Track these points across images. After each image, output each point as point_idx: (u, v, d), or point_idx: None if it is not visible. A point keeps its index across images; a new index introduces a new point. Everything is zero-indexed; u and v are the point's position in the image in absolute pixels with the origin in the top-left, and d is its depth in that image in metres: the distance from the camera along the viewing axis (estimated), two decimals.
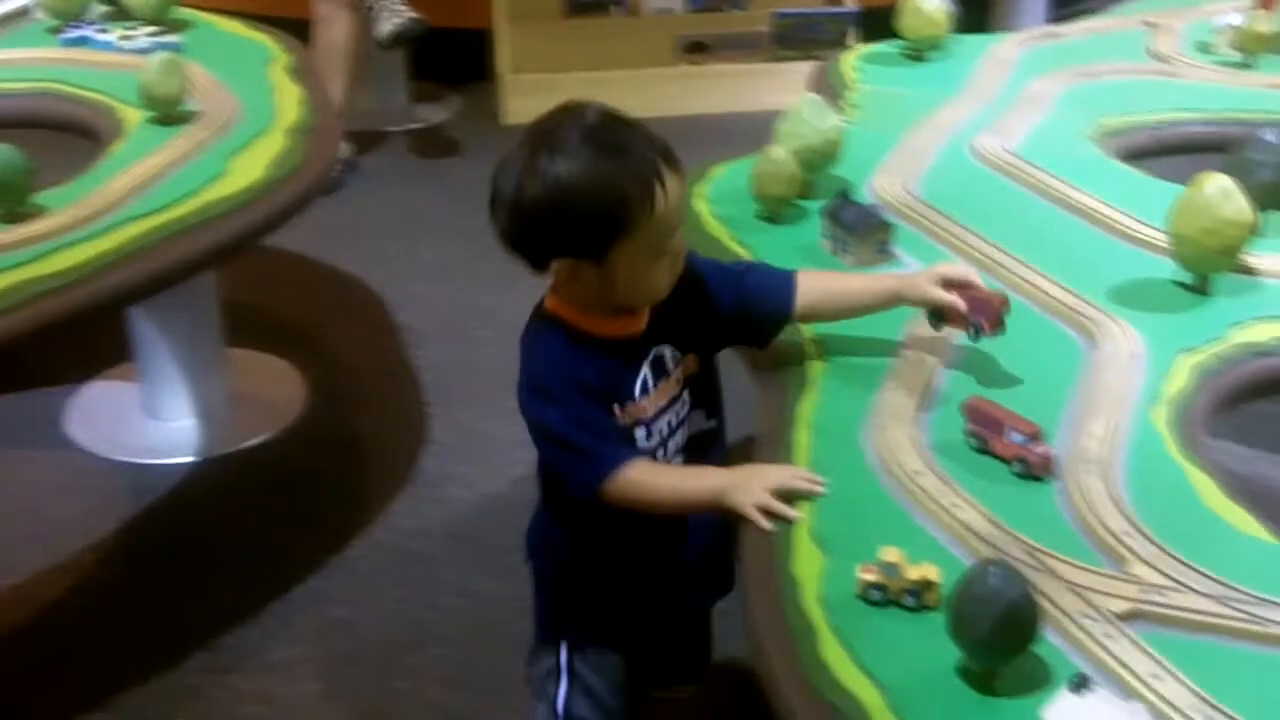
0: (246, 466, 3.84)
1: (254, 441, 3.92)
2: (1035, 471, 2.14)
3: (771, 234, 2.93)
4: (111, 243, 2.91)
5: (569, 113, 2.19)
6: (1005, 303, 2.37)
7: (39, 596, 3.35)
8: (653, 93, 5.89)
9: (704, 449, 2.37)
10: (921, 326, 2.47)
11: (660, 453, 2.30)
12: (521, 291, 4.62)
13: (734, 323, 2.39)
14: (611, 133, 2.15)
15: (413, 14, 5.27)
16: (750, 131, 3.24)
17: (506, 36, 6.14)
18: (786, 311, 2.42)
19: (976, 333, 2.38)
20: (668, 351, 2.29)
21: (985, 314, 2.36)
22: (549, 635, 2.50)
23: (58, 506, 3.67)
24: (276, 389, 4.15)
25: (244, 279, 4.36)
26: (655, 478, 2.22)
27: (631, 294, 2.22)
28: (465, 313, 4.57)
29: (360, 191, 5.45)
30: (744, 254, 2.81)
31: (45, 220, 2.98)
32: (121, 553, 3.52)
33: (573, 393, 2.19)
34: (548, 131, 2.15)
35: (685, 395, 2.34)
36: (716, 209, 3.05)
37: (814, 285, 2.44)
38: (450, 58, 6.32)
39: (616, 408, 2.23)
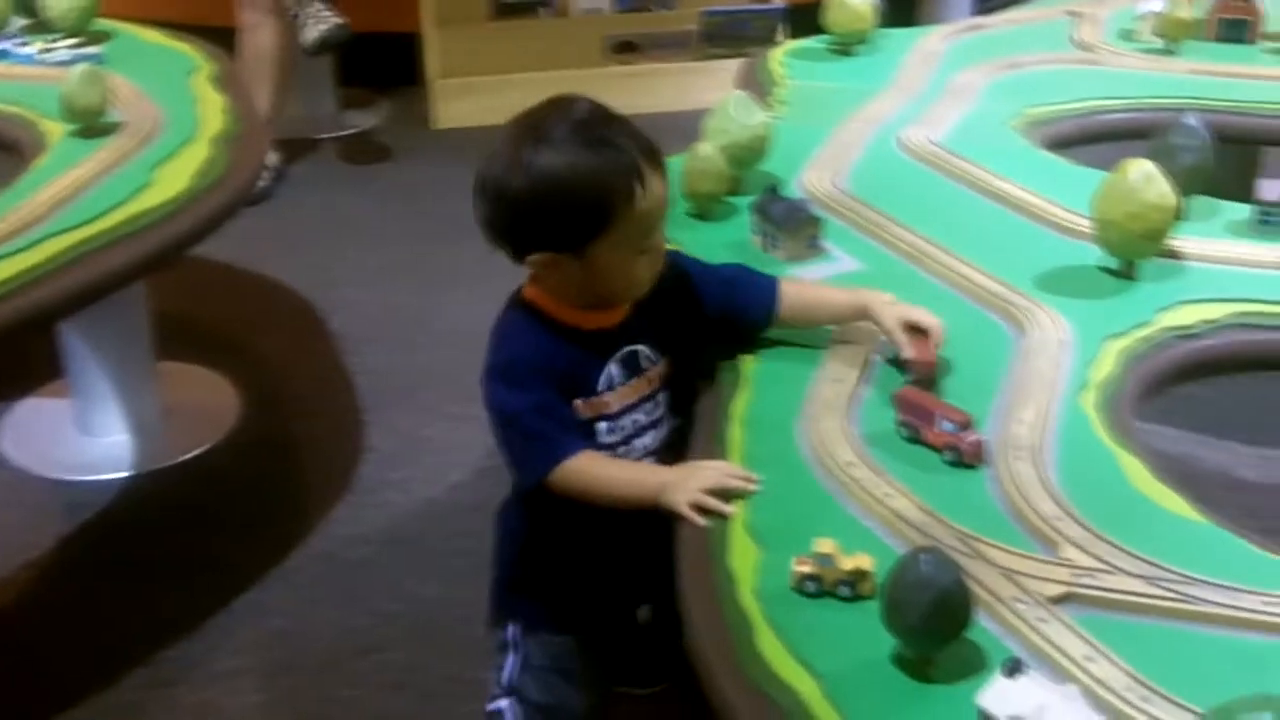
0: (182, 480, 3.81)
1: (189, 455, 3.88)
2: (967, 459, 2.15)
3: (701, 231, 2.93)
4: (37, 257, 2.88)
5: (556, 106, 2.23)
6: (934, 364, 2.37)
7: None
8: (583, 93, 5.87)
9: (668, 448, 2.38)
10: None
11: (622, 449, 2.31)
12: (454, 295, 4.68)
13: (716, 325, 2.43)
14: (595, 128, 2.18)
15: (338, 19, 5.25)
16: (682, 129, 3.24)
17: (434, 40, 6.12)
18: (769, 318, 2.46)
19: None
20: (643, 349, 2.32)
21: (919, 363, 2.36)
22: (500, 612, 2.53)
23: None
24: (210, 401, 4.12)
25: (174, 291, 4.33)
26: (600, 470, 2.22)
27: (612, 288, 2.25)
28: (398, 318, 4.56)
29: (289, 199, 5.42)
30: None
31: None
32: (59, 569, 3.49)
33: (538, 380, 2.21)
34: (534, 124, 2.19)
35: (662, 398, 2.36)
36: None
37: (792, 294, 2.47)
38: (379, 62, 6.30)
39: (579, 400, 2.25)
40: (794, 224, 2.79)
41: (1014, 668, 1.65)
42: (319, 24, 5.22)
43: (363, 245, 5.06)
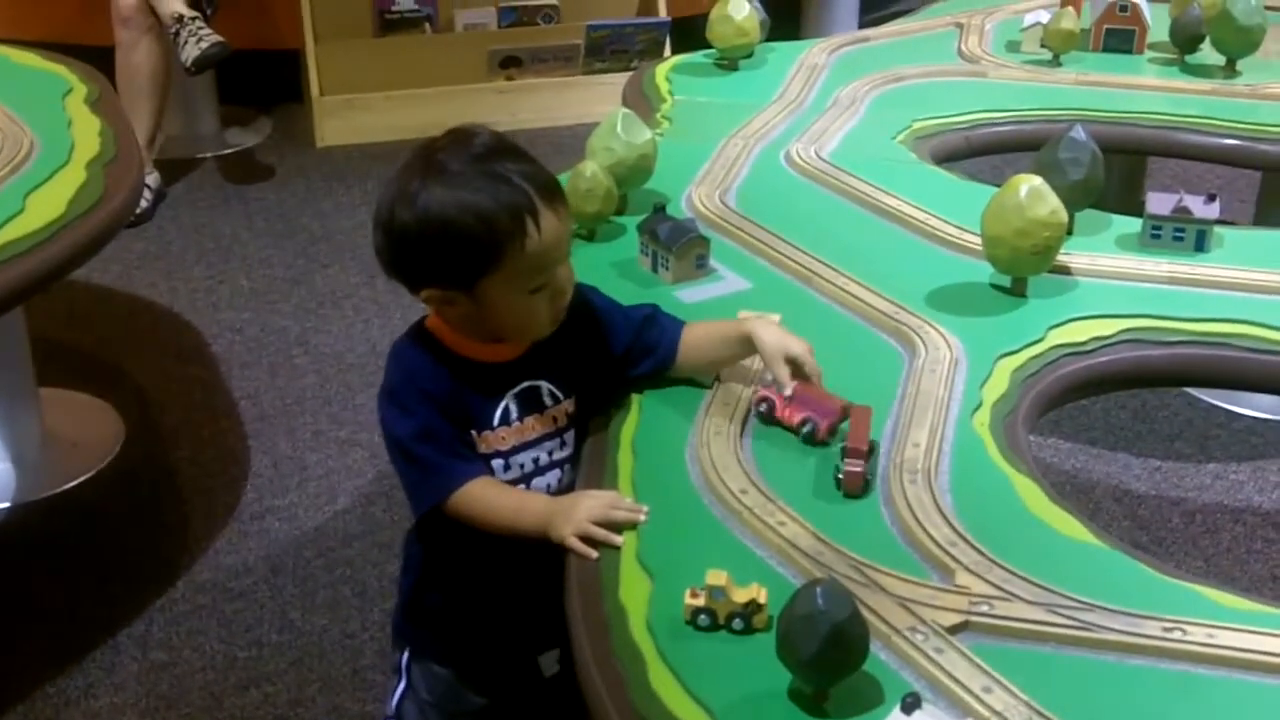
0: (64, 510, 3.74)
1: (71, 484, 3.81)
2: (844, 486, 2.13)
3: (588, 251, 2.90)
4: None
5: (455, 137, 2.17)
6: (845, 411, 2.28)
7: None
8: (468, 109, 5.85)
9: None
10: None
11: (521, 488, 2.26)
12: (336, 316, 4.61)
13: (619, 364, 2.37)
14: (489, 162, 2.11)
15: (217, 37, 5.18)
16: (567, 144, 3.22)
17: (316, 57, 6.05)
18: (669, 364, 2.39)
19: (810, 436, 2.27)
20: (545, 386, 2.27)
21: (824, 417, 2.27)
22: (397, 635, 2.51)
23: None
24: (92, 428, 4.05)
25: (53, 316, 4.27)
26: (491, 499, 2.17)
27: (507, 326, 2.20)
28: (281, 341, 4.50)
29: (170, 220, 5.35)
30: None
31: None
32: None
33: (425, 405, 2.16)
34: (429, 155, 2.14)
35: (568, 438, 2.31)
36: None
37: (690, 337, 2.39)
38: (261, 80, 6.24)
39: (474, 433, 2.21)
40: (681, 244, 2.75)
41: (912, 702, 1.62)
42: (198, 42, 5.15)
43: (244, 266, 5.00)
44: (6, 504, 3.74)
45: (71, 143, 3.42)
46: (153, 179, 5.33)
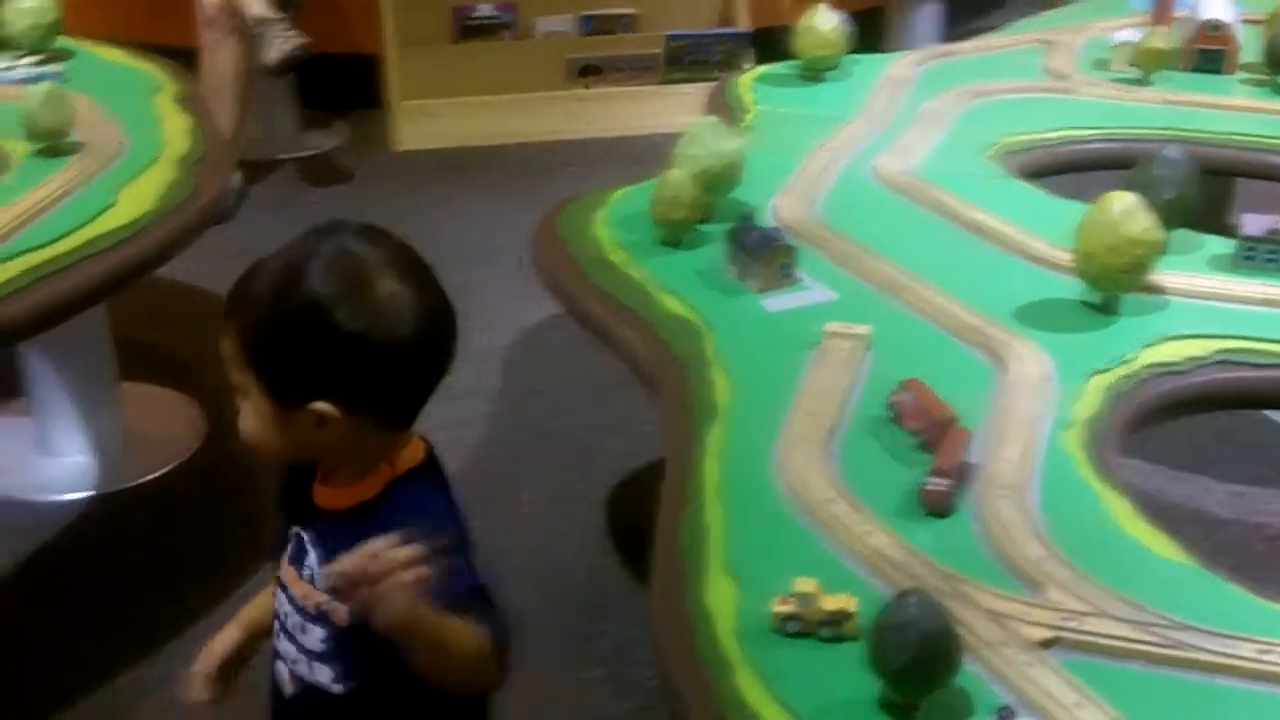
0: (143, 502, 3.75)
1: (150, 476, 3.83)
2: (926, 504, 2.12)
3: (673, 258, 2.91)
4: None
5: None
6: (946, 425, 2.27)
7: None
8: (545, 116, 5.87)
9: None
10: (830, 352, 2.45)
11: (278, 626, 1.92)
12: None
13: None
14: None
15: (301, 39, 5.20)
16: (644, 154, 3.21)
17: (396, 62, 6.06)
18: None
19: (923, 445, 2.25)
20: (312, 551, 1.86)
21: (932, 428, 2.27)
22: None
23: None
24: (173, 423, 4.07)
25: (137, 311, 4.28)
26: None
27: None
28: None
29: (252, 220, 5.36)
30: (645, 279, 2.80)
31: None
32: (14, 589, 3.44)
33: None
34: None
35: (321, 631, 1.85)
36: (616, 234, 3.02)
37: None
38: (341, 84, 6.26)
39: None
40: (767, 253, 2.76)
41: (1006, 716, 1.61)
42: (282, 44, 5.17)
43: None
44: (87, 494, 3.76)
45: (161, 140, 3.45)
46: (236, 178, 5.35)
